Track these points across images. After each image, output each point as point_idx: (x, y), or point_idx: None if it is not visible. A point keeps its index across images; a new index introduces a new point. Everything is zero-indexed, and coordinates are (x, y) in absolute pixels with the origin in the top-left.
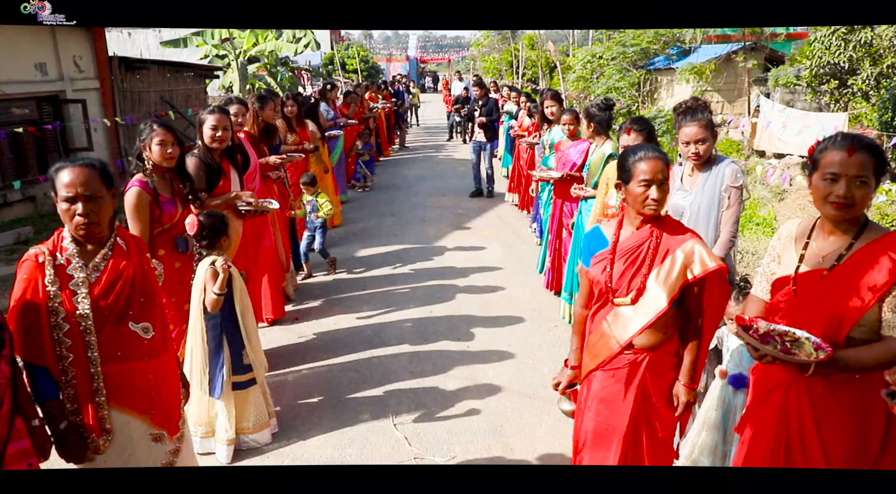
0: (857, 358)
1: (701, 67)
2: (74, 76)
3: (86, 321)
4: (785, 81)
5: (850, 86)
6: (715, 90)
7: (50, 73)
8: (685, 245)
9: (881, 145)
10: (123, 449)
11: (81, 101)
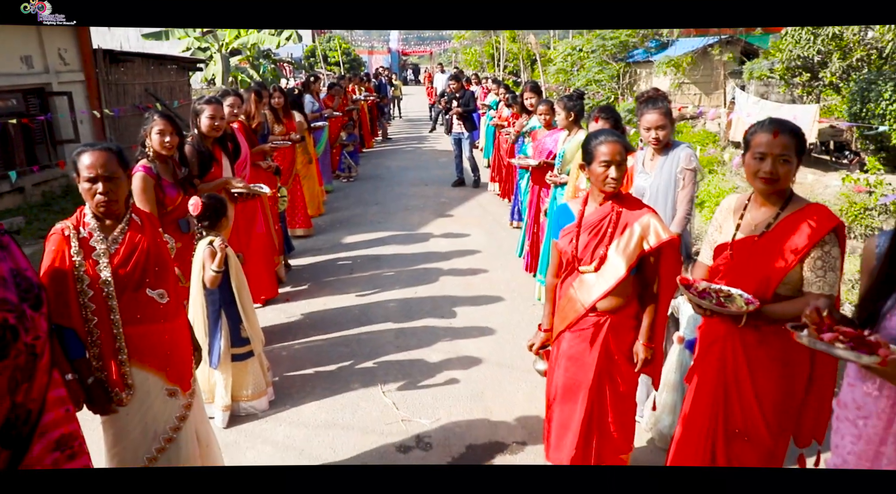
0: (781, 310)
1: (678, 60)
2: (60, 69)
3: (108, 287)
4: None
5: (822, 78)
6: (692, 82)
7: (35, 65)
8: (642, 219)
9: (852, 135)
10: (142, 403)
11: (67, 94)
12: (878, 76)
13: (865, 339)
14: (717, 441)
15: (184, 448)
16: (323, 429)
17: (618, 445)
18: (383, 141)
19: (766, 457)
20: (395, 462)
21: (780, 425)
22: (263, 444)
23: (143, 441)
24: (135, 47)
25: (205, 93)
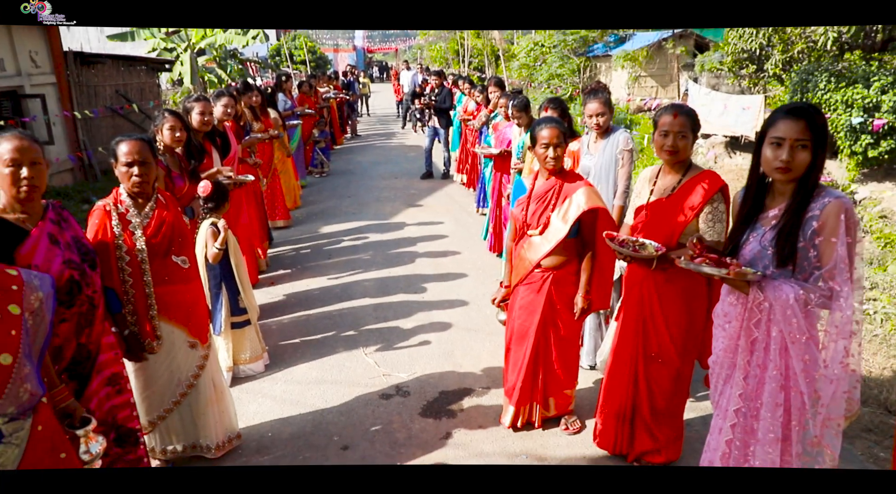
0: (681, 254)
1: (634, 54)
2: (31, 71)
3: (142, 254)
4: (710, 66)
5: (766, 70)
6: (649, 75)
7: (8, 68)
8: (578, 191)
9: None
10: (168, 352)
11: (40, 96)
12: (815, 68)
13: (722, 260)
14: (638, 364)
15: (202, 394)
16: (314, 385)
17: (562, 381)
18: (353, 137)
19: (675, 375)
20: (378, 408)
21: (686, 348)
22: (263, 398)
23: (168, 387)
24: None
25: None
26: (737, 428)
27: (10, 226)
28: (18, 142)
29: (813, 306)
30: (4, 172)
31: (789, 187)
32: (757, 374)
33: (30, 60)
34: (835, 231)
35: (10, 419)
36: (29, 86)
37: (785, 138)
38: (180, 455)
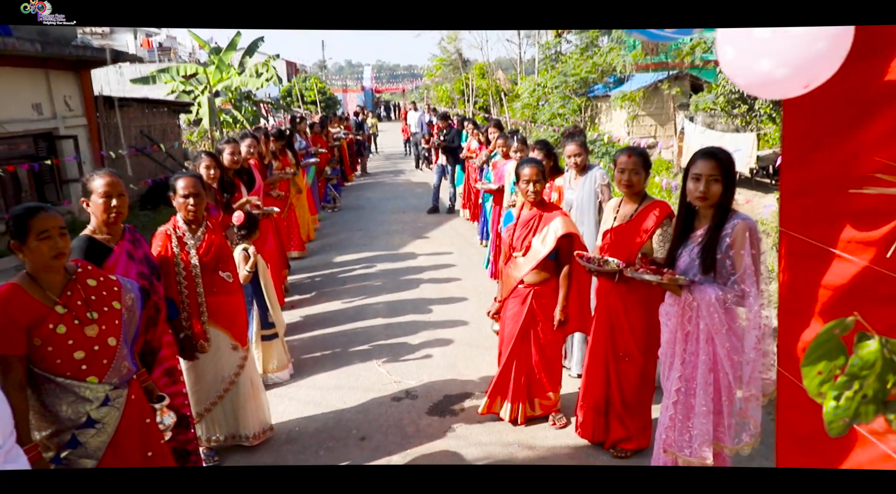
0: None
1: (632, 95)
2: (66, 114)
3: (196, 269)
4: (704, 106)
5: (758, 110)
6: (647, 114)
7: (45, 112)
8: (555, 219)
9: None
10: (215, 353)
11: (73, 137)
12: None
13: (660, 270)
14: (609, 362)
15: (242, 390)
16: (334, 390)
17: (545, 385)
18: (362, 175)
19: (640, 371)
20: (390, 408)
21: (648, 347)
22: (290, 401)
23: (214, 383)
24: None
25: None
26: (678, 404)
27: (100, 244)
28: (111, 178)
29: (730, 304)
30: (99, 202)
31: (709, 212)
32: (692, 360)
33: (64, 104)
34: (742, 245)
35: (114, 387)
36: (63, 127)
37: (701, 174)
38: (222, 443)
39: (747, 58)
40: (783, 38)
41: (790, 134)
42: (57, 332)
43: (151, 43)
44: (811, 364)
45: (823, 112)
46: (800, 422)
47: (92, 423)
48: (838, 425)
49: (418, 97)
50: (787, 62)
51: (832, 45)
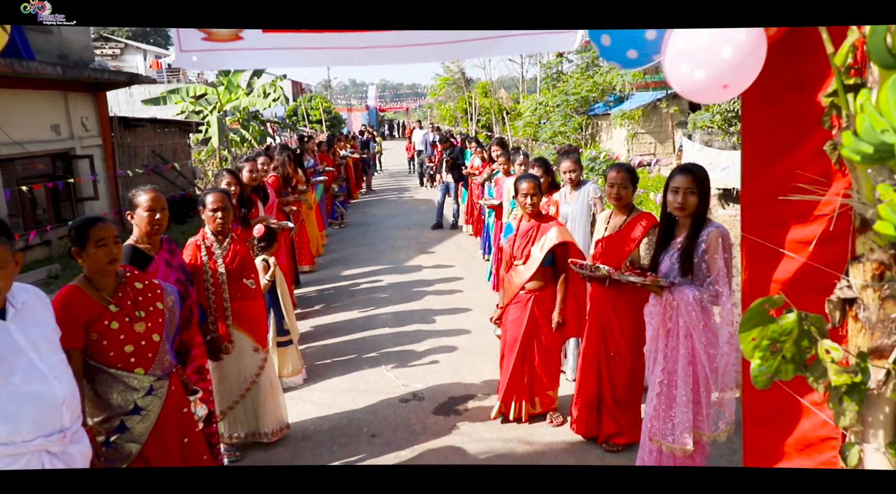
0: None
1: (632, 113)
2: (82, 135)
3: (222, 277)
4: (702, 124)
5: None
6: (647, 132)
7: (62, 132)
8: (552, 229)
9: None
10: (238, 354)
11: (89, 157)
12: None
13: (643, 273)
14: (601, 362)
15: (262, 390)
16: (345, 393)
17: (545, 383)
18: (367, 192)
19: (630, 370)
20: (398, 409)
21: (637, 347)
22: (304, 403)
23: (237, 383)
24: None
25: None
26: (661, 396)
27: (142, 252)
28: (155, 194)
29: (706, 303)
30: (144, 215)
31: (687, 221)
32: (673, 355)
33: (81, 125)
34: (716, 250)
35: (157, 378)
36: (79, 147)
37: (679, 187)
38: (243, 440)
39: (673, 64)
40: (696, 44)
41: (748, 151)
42: (111, 328)
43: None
44: (746, 331)
45: (772, 133)
46: (760, 401)
47: (138, 410)
48: (762, 379)
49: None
50: (701, 65)
51: (740, 51)
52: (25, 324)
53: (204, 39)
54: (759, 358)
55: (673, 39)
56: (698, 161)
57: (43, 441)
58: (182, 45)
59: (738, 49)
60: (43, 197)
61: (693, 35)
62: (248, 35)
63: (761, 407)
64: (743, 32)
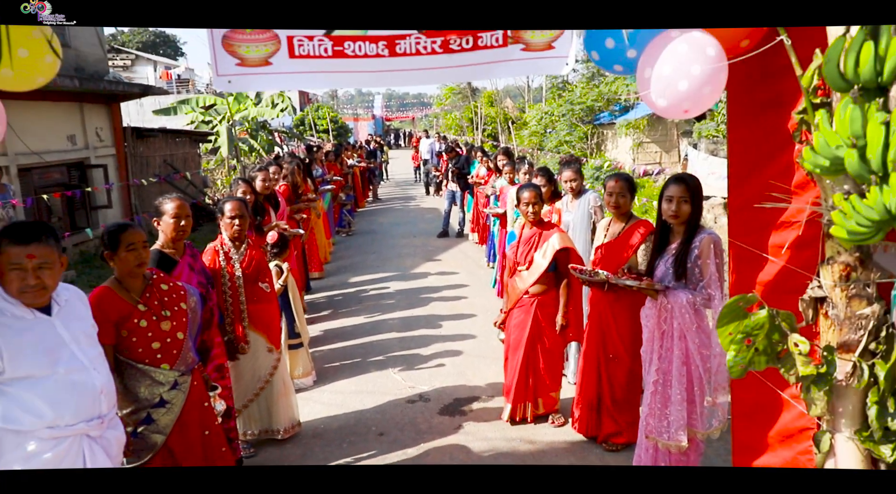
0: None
1: (637, 122)
2: (97, 145)
3: (239, 280)
4: (707, 134)
5: None
6: (652, 141)
7: (78, 142)
8: (554, 236)
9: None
10: (253, 354)
11: (103, 166)
12: None
13: (639, 278)
14: (600, 363)
15: (275, 389)
16: (354, 394)
17: (548, 385)
18: (374, 201)
19: (628, 372)
20: (405, 409)
21: (635, 349)
22: (314, 403)
23: (251, 382)
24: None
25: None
26: (657, 395)
27: (168, 257)
28: (180, 203)
29: (699, 306)
30: (170, 222)
31: (681, 229)
32: (667, 355)
33: (95, 135)
34: (708, 255)
35: (181, 374)
36: (94, 157)
37: (673, 196)
38: (257, 437)
39: (643, 91)
40: (658, 77)
41: (733, 162)
42: (139, 326)
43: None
44: (722, 326)
45: (754, 146)
46: (746, 397)
47: (163, 403)
48: (737, 369)
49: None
50: (663, 96)
51: (695, 84)
52: (68, 320)
53: (238, 65)
54: (735, 351)
55: (640, 69)
56: (703, 170)
57: (84, 425)
58: (219, 69)
59: (693, 82)
60: (58, 205)
61: (657, 68)
62: (275, 61)
63: (747, 402)
64: (699, 67)
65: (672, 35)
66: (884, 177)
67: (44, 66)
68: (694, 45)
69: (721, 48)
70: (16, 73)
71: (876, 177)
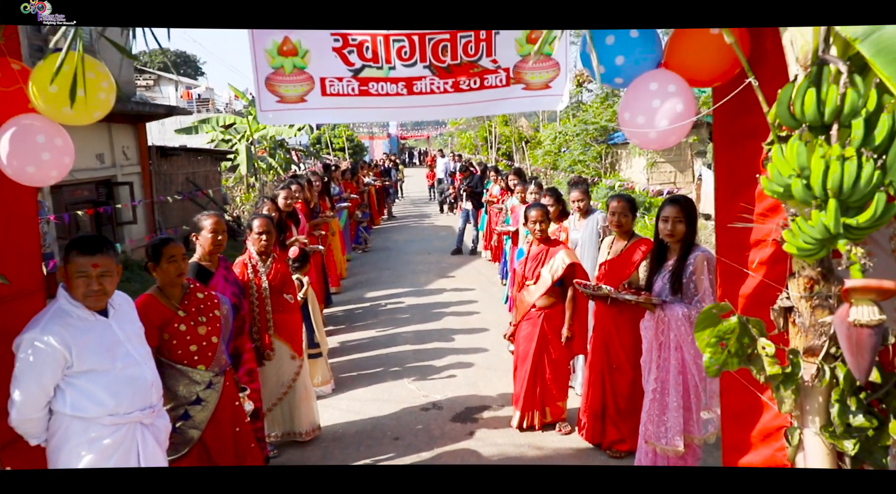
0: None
1: None
2: (123, 163)
3: (266, 292)
4: None
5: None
6: (667, 161)
7: (106, 161)
8: (560, 252)
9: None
10: (278, 361)
11: (129, 183)
12: None
13: (639, 292)
14: (605, 373)
15: (297, 394)
16: (371, 402)
17: (555, 394)
18: (389, 218)
19: (631, 381)
20: (419, 416)
21: (637, 361)
22: (333, 410)
23: (276, 387)
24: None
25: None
26: (655, 402)
27: (205, 269)
28: (217, 219)
29: (693, 318)
30: (208, 236)
31: (677, 247)
32: (665, 365)
33: (122, 154)
34: (702, 272)
35: (216, 374)
36: (120, 175)
37: (669, 216)
38: (280, 439)
39: (624, 127)
40: (630, 130)
41: (719, 187)
42: (179, 330)
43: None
44: (700, 331)
45: (735, 172)
46: (734, 401)
47: (199, 401)
48: (713, 370)
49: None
50: (635, 138)
51: (662, 134)
52: (122, 322)
53: (278, 102)
54: (710, 353)
55: (621, 111)
56: None
57: (138, 413)
58: (262, 106)
59: (661, 134)
60: (87, 221)
61: (633, 116)
62: (309, 98)
63: (734, 406)
64: (666, 122)
65: (650, 88)
66: (824, 203)
67: (100, 102)
68: (667, 103)
69: (691, 102)
70: (76, 110)
71: (817, 202)
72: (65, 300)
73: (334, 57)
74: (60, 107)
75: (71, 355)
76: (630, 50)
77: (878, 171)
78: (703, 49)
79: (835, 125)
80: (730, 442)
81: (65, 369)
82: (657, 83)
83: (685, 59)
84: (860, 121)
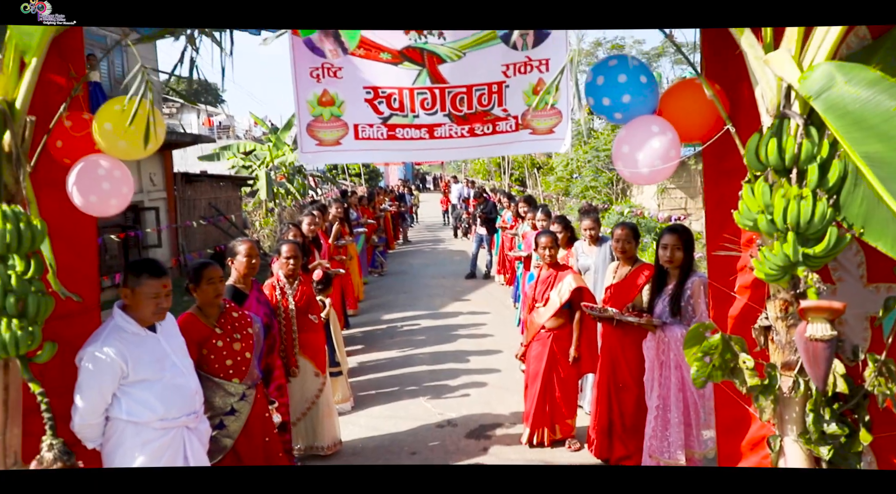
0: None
1: None
2: (150, 189)
3: (292, 312)
4: None
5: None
6: (678, 187)
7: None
8: (568, 277)
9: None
10: (302, 377)
11: (155, 209)
12: None
13: (640, 314)
14: (611, 392)
15: (321, 409)
16: (388, 419)
17: (564, 412)
18: (404, 243)
19: (636, 400)
20: (435, 432)
21: (642, 380)
22: (353, 426)
23: (300, 402)
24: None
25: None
26: (658, 418)
27: (240, 291)
28: (251, 244)
29: None
30: (242, 260)
31: (676, 272)
32: (666, 383)
33: (149, 180)
34: (699, 295)
35: (248, 387)
36: (147, 200)
37: (668, 244)
38: (303, 453)
39: (617, 162)
40: (628, 162)
41: (709, 218)
42: (217, 346)
43: (212, 121)
44: (688, 347)
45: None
46: (728, 416)
47: (233, 412)
48: (699, 381)
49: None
50: (629, 177)
51: (655, 172)
52: (168, 337)
53: (316, 145)
54: (697, 366)
55: (617, 145)
56: None
57: (185, 418)
58: (303, 148)
59: (653, 173)
60: (114, 244)
61: (630, 155)
62: (344, 141)
63: (727, 419)
64: (660, 163)
65: (652, 130)
66: (785, 235)
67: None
68: (659, 145)
69: (677, 147)
70: (128, 144)
71: (779, 234)
72: (120, 317)
73: (366, 107)
74: (116, 143)
75: (127, 366)
76: (638, 90)
77: (830, 209)
78: (693, 103)
79: (794, 169)
80: (724, 453)
81: (121, 379)
82: (657, 126)
83: (675, 112)
84: (815, 166)
